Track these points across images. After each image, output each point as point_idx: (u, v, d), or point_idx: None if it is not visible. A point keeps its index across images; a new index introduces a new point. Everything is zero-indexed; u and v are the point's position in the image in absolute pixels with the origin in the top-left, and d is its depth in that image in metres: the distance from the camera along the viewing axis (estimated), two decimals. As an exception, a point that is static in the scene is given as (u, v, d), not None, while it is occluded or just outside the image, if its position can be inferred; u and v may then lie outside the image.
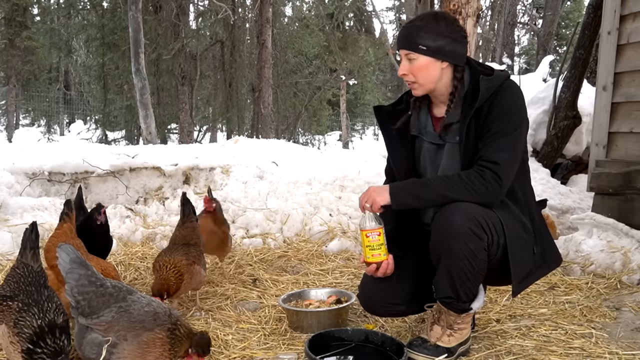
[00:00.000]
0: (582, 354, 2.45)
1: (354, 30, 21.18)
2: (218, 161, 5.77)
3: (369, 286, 2.56)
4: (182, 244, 3.07)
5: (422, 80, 2.33)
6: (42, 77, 24.77)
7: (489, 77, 2.28)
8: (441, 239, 2.23)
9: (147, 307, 2.10)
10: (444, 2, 5.09)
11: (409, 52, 2.31)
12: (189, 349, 2.11)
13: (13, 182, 4.61)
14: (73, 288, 2.08)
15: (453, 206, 2.20)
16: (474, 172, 2.21)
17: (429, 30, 2.28)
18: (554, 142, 6.31)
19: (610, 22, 4.56)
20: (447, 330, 2.38)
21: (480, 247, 2.17)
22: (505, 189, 2.23)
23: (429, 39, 2.28)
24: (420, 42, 2.28)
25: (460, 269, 2.20)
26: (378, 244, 2.39)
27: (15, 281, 2.12)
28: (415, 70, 2.32)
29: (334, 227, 4.80)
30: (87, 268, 2.13)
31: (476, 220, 2.15)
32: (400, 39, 2.37)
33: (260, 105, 14.91)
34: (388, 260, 2.43)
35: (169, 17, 14.43)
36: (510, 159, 2.22)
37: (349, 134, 24.64)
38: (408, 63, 2.33)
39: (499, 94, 2.26)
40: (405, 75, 2.36)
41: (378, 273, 2.45)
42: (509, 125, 2.23)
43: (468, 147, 2.29)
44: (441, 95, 2.40)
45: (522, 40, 31.16)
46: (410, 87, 2.42)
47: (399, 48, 2.37)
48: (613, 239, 3.93)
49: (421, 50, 2.28)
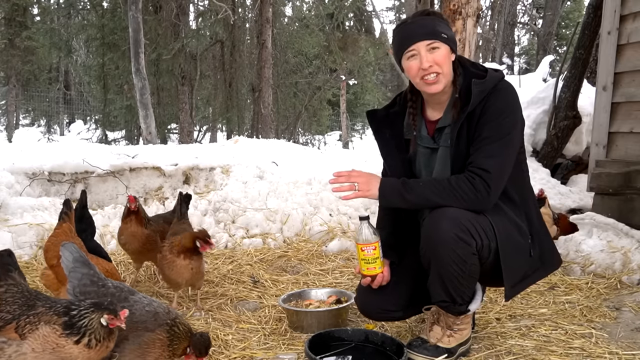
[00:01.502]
0: (582, 354, 2.45)
1: (354, 30, 21.18)
2: (218, 161, 5.78)
3: (365, 293, 2.54)
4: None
5: (447, 69, 2.25)
6: (42, 77, 24.77)
7: (482, 80, 2.24)
8: (429, 245, 2.21)
9: (148, 307, 2.10)
10: (444, 2, 5.08)
11: (432, 41, 2.21)
12: (187, 348, 2.10)
13: (13, 182, 4.62)
14: (75, 287, 2.09)
15: (440, 212, 2.18)
16: (464, 179, 2.18)
17: (439, 20, 2.26)
18: (554, 142, 6.30)
19: (610, 22, 4.56)
20: (447, 330, 2.37)
21: (469, 252, 2.15)
22: (496, 197, 2.20)
23: (444, 27, 2.25)
24: (441, 30, 2.23)
25: (451, 274, 2.18)
26: (373, 257, 2.37)
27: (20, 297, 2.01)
28: (440, 59, 2.22)
29: (334, 227, 4.80)
30: (89, 268, 2.14)
31: (463, 225, 2.13)
32: (416, 33, 2.23)
33: (260, 105, 14.91)
34: (383, 273, 2.42)
35: (169, 17, 14.44)
36: (502, 165, 2.19)
37: (349, 134, 24.64)
38: (431, 54, 2.22)
39: (492, 96, 2.22)
40: (431, 67, 2.21)
41: (373, 285, 2.44)
42: (501, 129, 2.19)
43: (459, 152, 2.27)
44: (442, 95, 2.34)
45: (522, 40, 31.21)
46: (429, 83, 2.26)
47: (417, 40, 2.22)
48: (613, 239, 3.93)
49: (443, 38, 2.23)
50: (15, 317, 1.89)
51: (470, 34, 4.99)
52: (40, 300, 1.97)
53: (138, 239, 3.29)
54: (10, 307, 1.94)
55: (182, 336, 2.09)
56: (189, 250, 2.94)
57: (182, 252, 2.94)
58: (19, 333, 1.85)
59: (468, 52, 4.98)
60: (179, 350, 2.09)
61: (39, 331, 1.83)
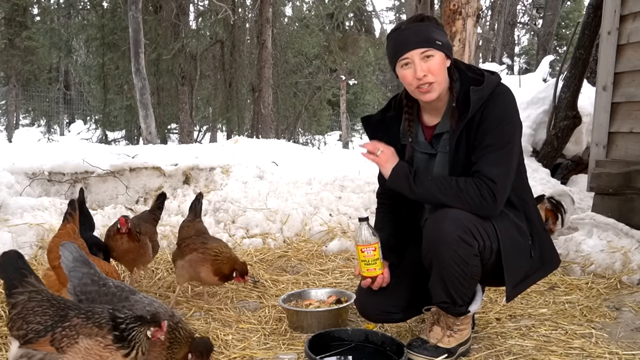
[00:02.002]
0: (582, 354, 2.45)
1: (354, 30, 21.20)
2: (218, 161, 5.78)
3: (365, 295, 2.54)
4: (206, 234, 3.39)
5: (441, 77, 2.23)
6: (42, 77, 24.77)
7: (479, 87, 2.22)
8: (431, 245, 2.21)
9: (149, 307, 2.10)
10: (444, 2, 5.08)
11: (427, 49, 2.18)
12: (188, 354, 2.06)
13: (13, 182, 4.61)
14: (76, 287, 2.08)
15: (443, 212, 2.18)
16: (472, 183, 2.17)
17: (434, 27, 2.23)
18: (554, 142, 6.30)
19: (610, 22, 4.56)
20: (447, 331, 2.38)
21: (471, 253, 2.15)
22: (500, 206, 2.20)
23: (439, 34, 2.22)
24: (435, 37, 2.19)
25: (452, 275, 2.19)
26: (373, 259, 2.37)
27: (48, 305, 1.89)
28: (435, 68, 2.19)
29: (334, 227, 4.80)
30: (90, 267, 2.13)
31: (465, 227, 2.13)
32: (409, 41, 2.20)
33: (260, 105, 14.91)
34: (384, 274, 2.42)
35: (169, 17, 14.44)
36: (506, 174, 2.19)
37: (349, 134, 24.64)
38: (425, 62, 2.19)
39: (490, 103, 2.21)
40: (426, 76, 2.19)
41: (373, 286, 2.44)
42: (502, 136, 2.19)
43: (457, 159, 2.26)
44: (438, 101, 2.31)
45: (522, 40, 31.19)
46: (424, 92, 2.24)
47: (412, 49, 2.19)
48: (613, 239, 3.93)
49: (438, 45, 2.19)
50: (48, 329, 1.81)
51: (470, 34, 4.99)
52: (71, 309, 1.88)
53: (132, 253, 3.28)
54: (40, 317, 1.84)
55: (182, 341, 2.05)
56: (223, 274, 3.05)
57: (217, 274, 3.05)
58: (56, 346, 1.78)
59: (468, 52, 4.99)
60: (178, 355, 2.05)
61: (79, 344, 1.78)
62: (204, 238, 3.24)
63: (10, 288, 1.92)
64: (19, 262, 1.99)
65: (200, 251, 3.08)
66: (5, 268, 1.96)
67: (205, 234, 3.38)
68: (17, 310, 1.88)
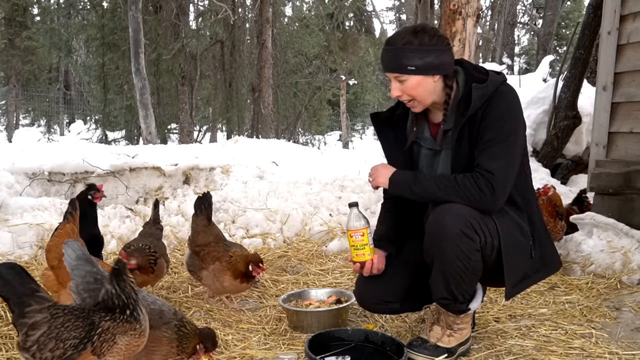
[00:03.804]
0: (582, 354, 2.45)
1: (354, 30, 21.20)
2: (218, 161, 5.78)
3: (363, 284, 2.60)
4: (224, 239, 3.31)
5: (420, 97, 2.30)
6: (42, 77, 24.75)
7: (482, 84, 2.24)
8: (433, 240, 2.24)
9: (153, 305, 2.11)
10: (444, 2, 5.08)
11: (398, 75, 2.27)
12: (197, 345, 2.14)
13: (13, 182, 4.61)
14: (79, 285, 2.06)
15: (445, 207, 2.21)
16: (469, 177, 2.21)
17: (413, 49, 2.21)
18: (554, 142, 6.30)
19: (610, 22, 4.56)
20: (447, 330, 2.38)
21: (473, 248, 2.17)
22: (502, 198, 2.21)
23: (415, 57, 2.22)
24: (407, 63, 2.23)
25: (454, 270, 2.20)
26: (362, 244, 2.44)
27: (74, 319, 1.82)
28: (409, 90, 2.28)
29: (334, 227, 4.80)
30: (93, 265, 2.11)
31: (467, 221, 2.15)
32: (385, 63, 2.30)
33: (260, 105, 14.91)
34: (373, 260, 2.47)
35: (169, 17, 14.44)
36: (506, 168, 2.20)
37: (349, 134, 24.64)
38: (399, 84, 2.28)
39: (493, 99, 2.24)
40: (400, 96, 2.31)
41: (364, 272, 2.49)
42: (503, 131, 2.21)
43: (460, 155, 2.29)
44: (438, 104, 2.37)
45: (522, 40, 31.19)
46: (408, 106, 2.37)
47: (386, 71, 2.31)
48: (613, 239, 3.93)
49: (410, 70, 2.23)
50: (85, 340, 1.78)
51: (470, 34, 4.99)
52: (94, 314, 1.85)
53: (149, 282, 3.19)
54: (74, 331, 1.78)
55: (190, 335, 2.14)
56: (241, 273, 3.01)
57: (236, 275, 3.01)
58: (97, 353, 1.79)
59: (468, 52, 4.98)
60: (189, 349, 2.13)
61: (119, 344, 1.83)
62: (224, 245, 3.17)
63: (22, 307, 1.75)
64: (26, 278, 1.82)
65: (225, 259, 3.04)
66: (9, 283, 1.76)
67: (225, 241, 3.28)
68: (43, 330, 1.74)
